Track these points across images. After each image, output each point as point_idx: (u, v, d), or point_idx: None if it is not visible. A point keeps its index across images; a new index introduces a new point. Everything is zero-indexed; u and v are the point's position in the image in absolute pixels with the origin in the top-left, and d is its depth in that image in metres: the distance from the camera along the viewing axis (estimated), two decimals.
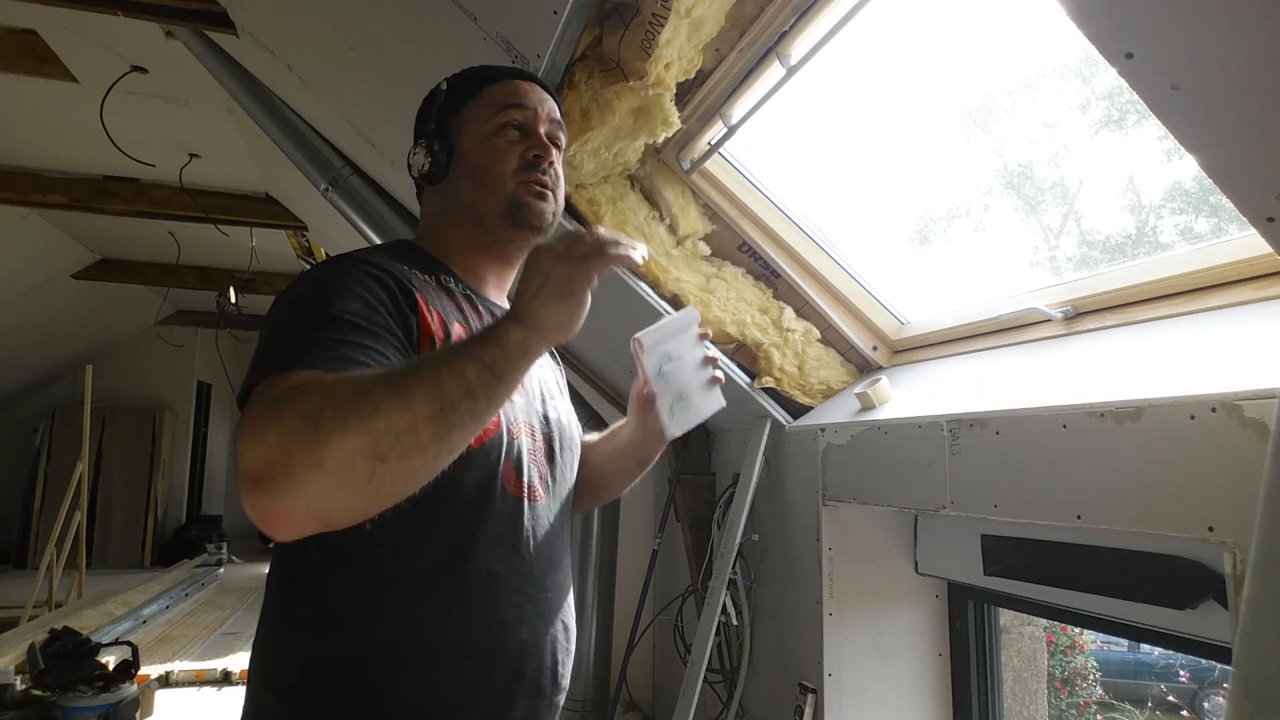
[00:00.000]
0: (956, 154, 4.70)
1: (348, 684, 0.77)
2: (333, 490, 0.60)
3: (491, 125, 0.94)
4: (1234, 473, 0.92)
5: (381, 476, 0.62)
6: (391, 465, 0.62)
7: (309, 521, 0.62)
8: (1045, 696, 4.49)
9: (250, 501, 0.60)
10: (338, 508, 0.62)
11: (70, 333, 6.41)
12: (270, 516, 0.61)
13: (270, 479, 0.59)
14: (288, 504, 0.60)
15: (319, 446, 0.60)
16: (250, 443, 0.61)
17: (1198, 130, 0.81)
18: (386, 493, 0.64)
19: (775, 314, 1.96)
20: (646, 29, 1.34)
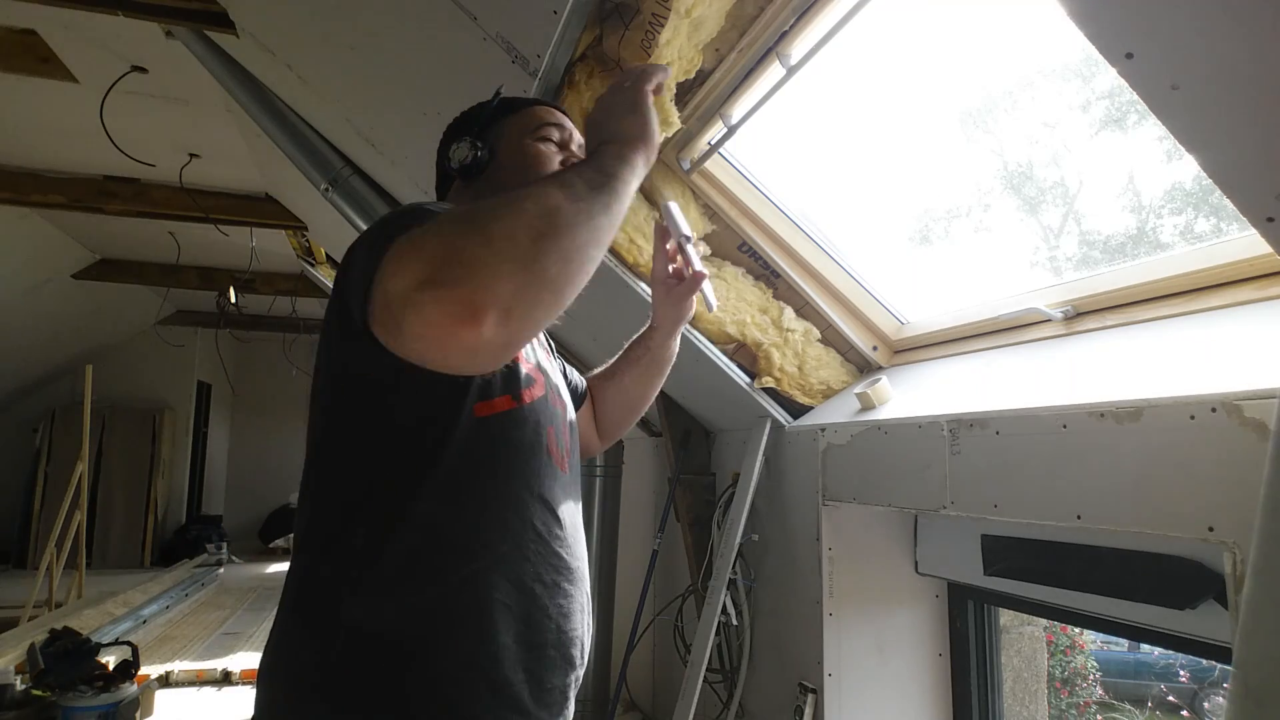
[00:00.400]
0: (957, 154, 4.70)
1: (397, 645, 0.77)
2: (500, 272, 0.61)
3: (535, 135, 1.03)
4: (1234, 473, 0.92)
5: (542, 256, 0.64)
6: (548, 241, 0.65)
7: (482, 306, 0.60)
8: (1045, 696, 4.49)
9: (426, 303, 0.60)
10: (506, 287, 0.61)
11: (70, 333, 6.41)
12: (454, 307, 0.60)
13: (438, 272, 0.60)
14: (461, 293, 0.60)
15: (477, 230, 0.63)
16: (408, 256, 0.63)
17: (1198, 130, 0.81)
18: (551, 275, 0.64)
19: (775, 314, 1.96)
20: (646, 29, 1.34)
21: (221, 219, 4.04)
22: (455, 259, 0.61)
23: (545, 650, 0.84)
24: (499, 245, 0.62)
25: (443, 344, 0.61)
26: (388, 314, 0.64)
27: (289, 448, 8.78)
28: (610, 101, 0.88)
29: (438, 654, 0.78)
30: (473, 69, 1.57)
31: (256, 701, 0.83)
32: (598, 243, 0.70)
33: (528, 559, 0.84)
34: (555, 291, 0.65)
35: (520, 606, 0.82)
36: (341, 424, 0.83)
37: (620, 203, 0.75)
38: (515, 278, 0.62)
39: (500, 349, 0.64)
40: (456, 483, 0.80)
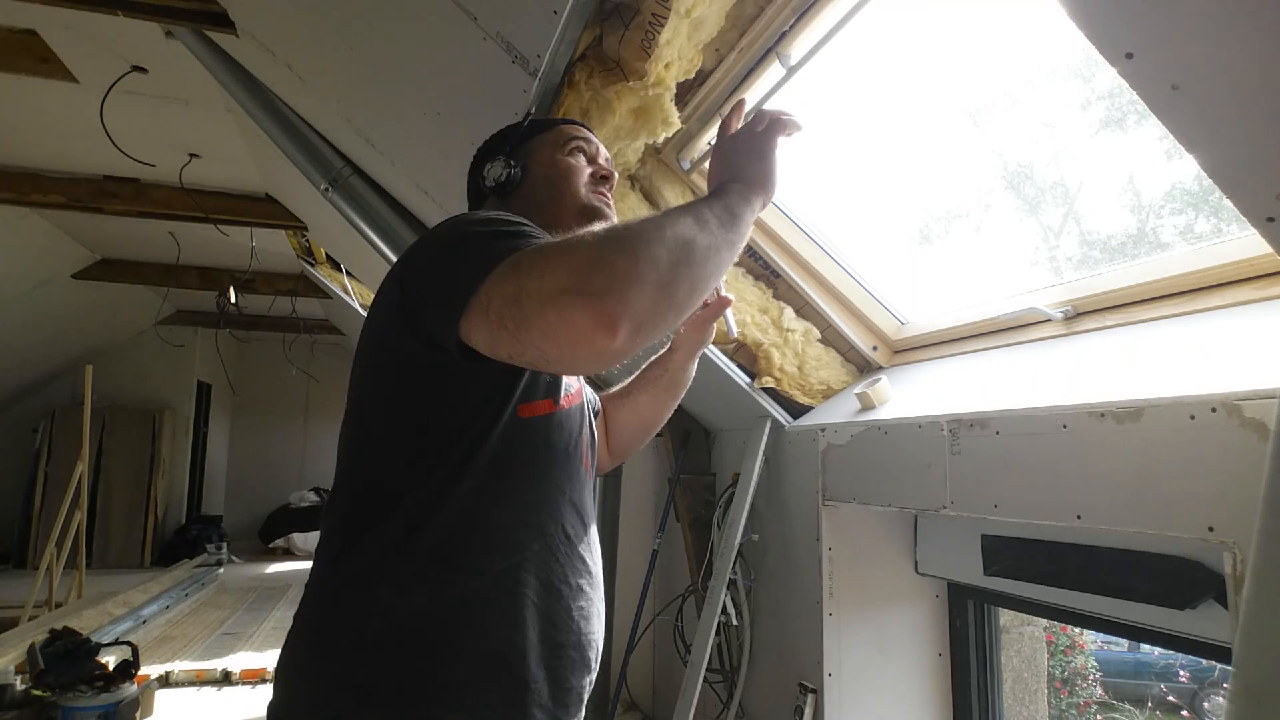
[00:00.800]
0: (957, 154, 4.69)
1: (427, 634, 0.80)
2: (644, 292, 0.66)
3: (566, 150, 1.08)
4: (1234, 473, 0.92)
5: (674, 283, 0.69)
6: (682, 271, 0.70)
7: (619, 316, 0.65)
8: (1045, 696, 4.49)
9: (572, 307, 0.65)
10: (642, 304, 0.66)
11: (70, 333, 6.41)
12: (593, 315, 0.65)
13: (588, 280, 0.65)
14: (610, 299, 0.65)
15: (626, 249, 0.68)
16: (555, 260, 0.68)
17: (1198, 130, 0.81)
18: (676, 300, 0.70)
19: (775, 314, 1.96)
20: (646, 29, 1.34)
21: (221, 219, 4.04)
22: (605, 271, 0.66)
23: (566, 650, 0.86)
24: (644, 266, 0.67)
25: (574, 345, 0.66)
26: (512, 310, 0.68)
27: (289, 448, 8.78)
28: (742, 143, 0.90)
29: (467, 645, 0.80)
30: (473, 69, 1.57)
31: (277, 689, 0.84)
32: (718, 275, 0.76)
33: (557, 559, 0.88)
34: (678, 314, 0.71)
35: (546, 605, 0.85)
36: (388, 418, 0.86)
37: (741, 242, 0.81)
38: (652, 296, 0.67)
39: (619, 358, 0.68)
40: (496, 480, 0.84)
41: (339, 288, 5.05)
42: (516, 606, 0.83)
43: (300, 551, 7.33)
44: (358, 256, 3.95)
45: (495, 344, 0.71)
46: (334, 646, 0.81)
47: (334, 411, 8.80)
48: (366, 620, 0.80)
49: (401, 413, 0.85)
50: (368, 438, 0.88)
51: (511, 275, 0.70)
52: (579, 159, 1.08)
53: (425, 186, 2.13)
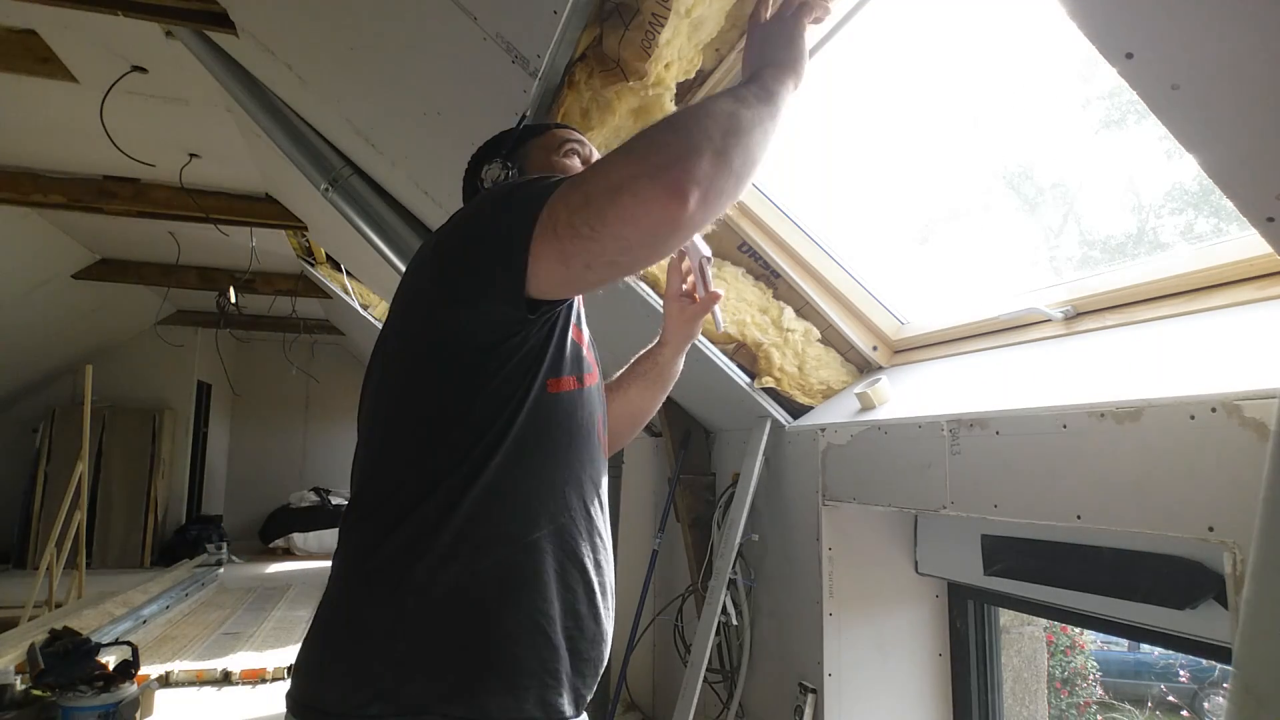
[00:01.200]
0: (957, 154, 4.71)
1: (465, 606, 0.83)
2: (701, 153, 0.72)
3: (560, 152, 1.11)
4: (1234, 473, 0.92)
5: (729, 144, 0.75)
6: (733, 136, 0.76)
7: (687, 183, 0.71)
8: (1045, 696, 4.49)
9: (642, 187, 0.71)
10: (704, 168, 0.72)
11: (70, 333, 6.42)
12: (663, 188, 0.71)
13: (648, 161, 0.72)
14: (675, 171, 0.71)
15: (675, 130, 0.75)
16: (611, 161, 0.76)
17: (1198, 130, 0.81)
18: (730, 159, 0.75)
19: (775, 314, 1.96)
20: (646, 29, 1.34)
21: (221, 219, 4.04)
22: (664, 150, 0.73)
23: (585, 621, 0.90)
24: (697, 139, 0.74)
25: (653, 220, 0.72)
26: (583, 212, 0.74)
27: (289, 448, 8.78)
28: (771, 31, 0.96)
29: (501, 614, 0.84)
30: (473, 69, 1.57)
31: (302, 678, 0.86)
32: (764, 145, 0.81)
33: (580, 533, 0.91)
34: (738, 180, 0.77)
35: (569, 576, 0.89)
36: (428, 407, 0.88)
37: (778, 118, 0.86)
38: (712, 162, 0.73)
39: (695, 227, 0.75)
40: (525, 453, 0.87)
41: (339, 288, 5.05)
42: (543, 576, 0.87)
43: (300, 551, 7.33)
44: (358, 256, 3.95)
45: (568, 258, 0.76)
46: (371, 627, 0.83)
47: (334, 411, 8.85)
48: (404, 598, 0.82)
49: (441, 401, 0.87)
50: (405, 427, 0.89)
51: (572, 189, 0.76)
52: (574, 160, 1.10)
53: (425, 186, 2.13)
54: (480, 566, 0.84)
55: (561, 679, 0.86)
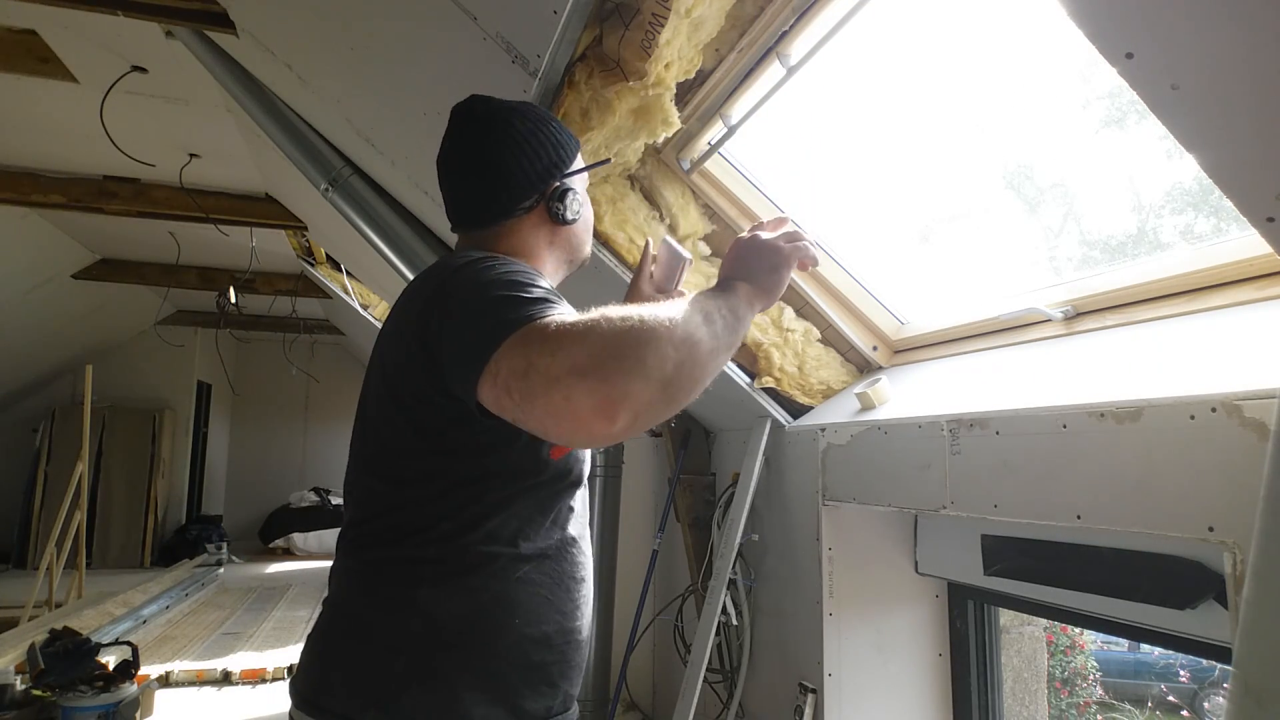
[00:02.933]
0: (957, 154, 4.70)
1: (465, 632, 0.88)
2: (649, 385, 0.70)
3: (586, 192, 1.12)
4: (1234, 473, 0.92)
5: (680, 375, 0.73)
6: (687, 369, 0.74)
7: (621, 407, 0.69)
8: (1045, 696, 4.49)
9: (577, 391, 0.68)
10: (644, 398, 0.70)
11: (70, 333, 6.41)
12: (596, 401, 0.68)
13: (597, 368, 0.69)
14: (615, 389, 0.69)
15: (639, 343, 0.71)
16: (569, 342, 0.71)
17: (1198, 130, 0.81)
18: (674, 396, 0.73)
19: (775, 314, 1.96)
20: (646, 29, 1.34)
21: (221, 219, 4.04)
22: (615, 361, 0.70)
23: (574, 635, 0.96)
24: (652, 362, 0.71)
25: (574, 426, 0.70)
26: (520, 382, 0.72)
27: (289, 448, 8.78)
28: (765, 249, 0.94)
29: (496, 639, 0.89)
30: (473, 69, 1.57)
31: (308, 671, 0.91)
32: (714, 373, 0.80)
33: (566, 559, 0.96)
34: (674, 408, 0.75)
35: (560, 600, 0.95)
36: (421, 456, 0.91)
37: (737, 343, 0.86)
38: (655, 392, 0.71)
39: (612, 441, 0.72)
40: (527, 508, 0.92)
41: (339, 288, 5.05)
42: (537, 604, 0.92)
43: (300, 551, 7.33)
44: (358, 256, 3.95)
45: (500, 408, 0.75)
46: (375, 639, 0.88)
47: (334, 411, 8.86)
48: (409, 620, 0.87)
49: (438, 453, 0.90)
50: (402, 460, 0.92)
51: (522, 348, 0.73)
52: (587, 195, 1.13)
53: (425, 186, 2.13)
54: (481, 598, 0.89)
55: (556, 688, 0.94)
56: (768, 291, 0.93)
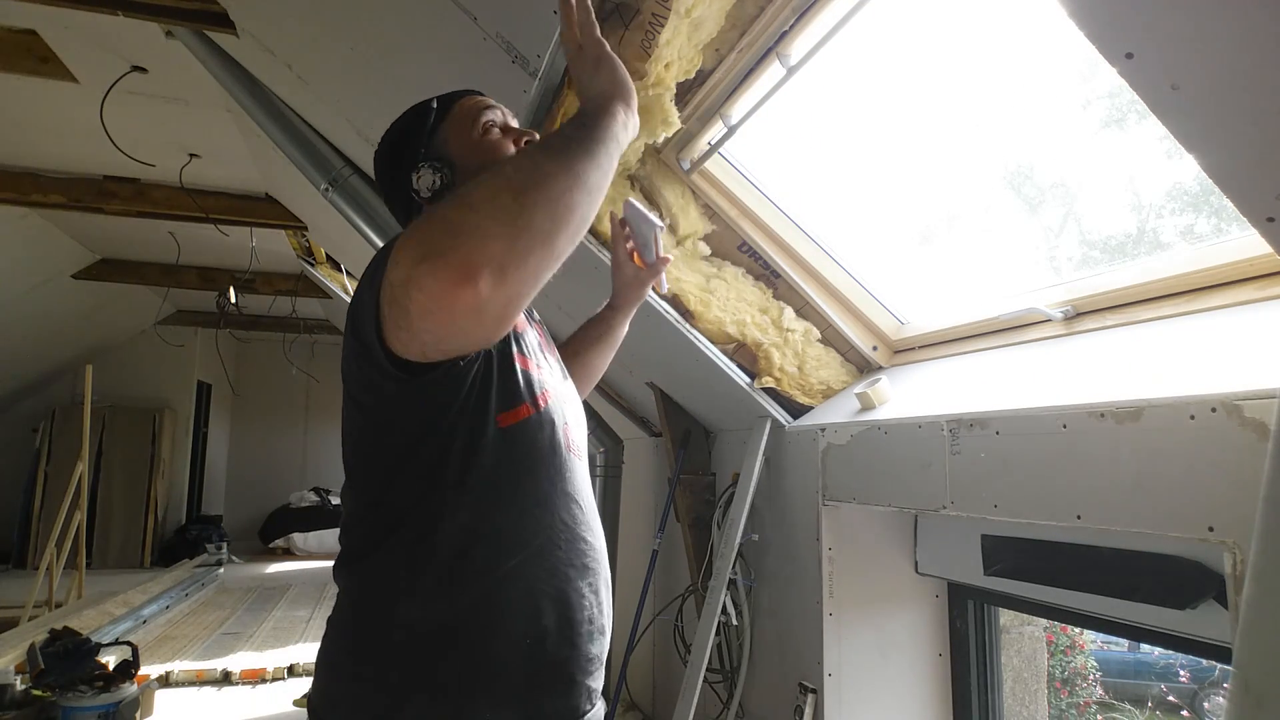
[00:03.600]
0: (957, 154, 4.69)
1: (453, 639, 0.83)
2: (487, 225, 0.66)
3: (477, 130, 1.01)
4: (1234, 473, 0.92)
5: (526, 206, 0.68)
6: (531, 194, 0.69)
7: (471, 267, 0.64)
8: (1045, 696, 4.49)
9: (423, 275, 0.65)
10: (494, 246, 0.65)
11: (70, 333, 6.41)
12: (445, 275, 0.64)
13: (434, 243, 0.66)
14: (456, 254, 0.64)
15: (460, 201, 0.68)
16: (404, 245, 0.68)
17: (1198, 130, 0.81)
18: (542, 226, 0.69)
19: (775, 314, 1.96)
20: (646, 29, 1.34)
21: (221, 219, 4.04)
22: (444, 230, 0.66)
23: (583, 626, 0.90)
24: (483, 208, 0.67)
25: (449, 312, 0.66)
26: (395, 309, 0.69)
27: (289, 448, 8.78)
28: (577, 70, 0.92)
29: (488, 642, 0.84)
30: (473, 69, 1.57)
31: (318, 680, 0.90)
32: (585, 189, 0.73)
33: (559, 548, 0.90)
34: (547, 243, 0.69)
35: (558, 591, 0.88)
36: (377, 442, 0.89)
37: (603, 149, 0.79)
38: (505, 235, 0.66)
39: (504, 306, 0.68)
40: (489, 489, 0.86)
41: (339, 288, 5.05)
42: (530, 599, 0.86)
43: (300, 551, 7.33)
44: (358, 256, 3.95)
45: (406, 347, 0.72)
46: (366, 652, 0.85)
47: (334, 411, 8.77)
48: (391, 631, 0.84)
49: (388, 437, 0.87)
50: (362, 461, 0.91)
51: (387, 277, 0.70)
52: (495, 132, 1.02)
53: None
54: (462, 602, 0.84)
55: (575, 683, 0.89)
56: (605, 90, 0.87)
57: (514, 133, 1.03)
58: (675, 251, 1.90)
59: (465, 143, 1.00)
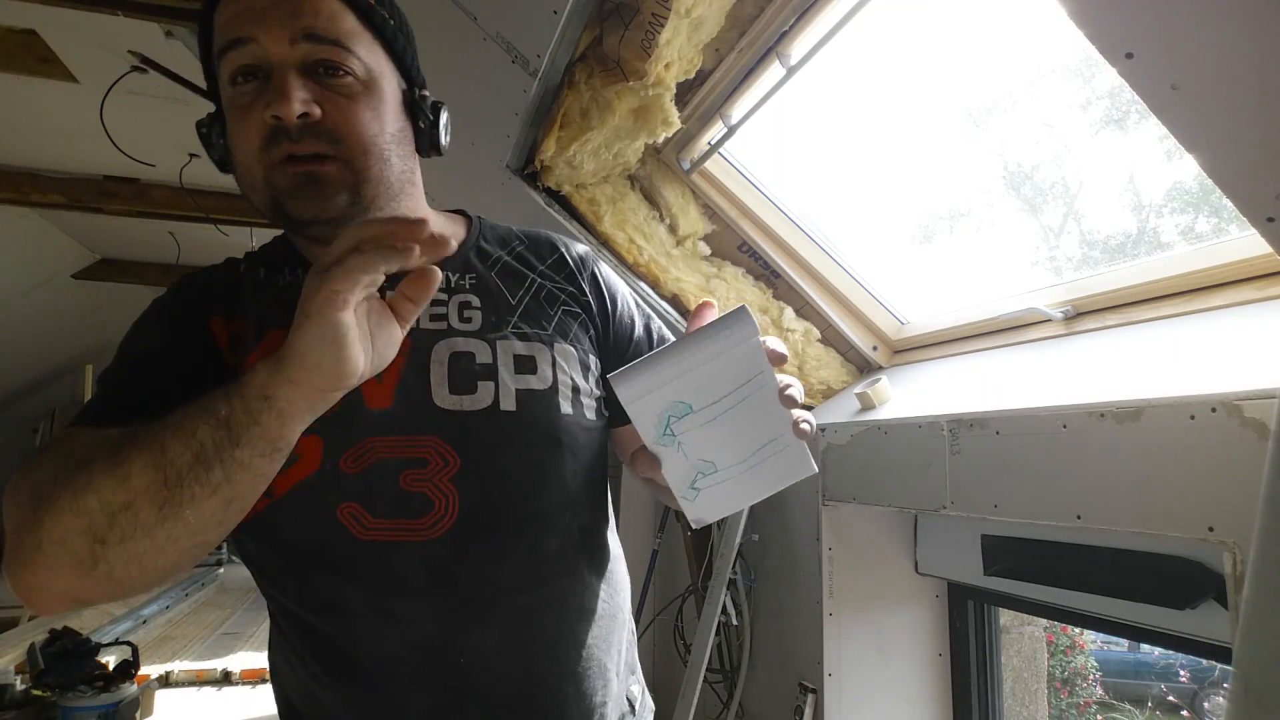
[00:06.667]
0: (957, 154, 4.66)
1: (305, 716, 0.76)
2: (57, 572, 0.53)
3: (226, 82, 0.67)
4: (1234, 473, 0.92)
5: (106, 560, 0.53)
6: (113, 548, 0.52)
7: (55, 600, 0.56)
8: (1045, 696, 4.49)
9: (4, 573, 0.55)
10: (72, 589, 0.55)
11: (70, 333, 6.41)
12: (19, 590, 0.56)
13: (7, 556, 0.54)
14: (24, 582, 0.55)
15: (38, 526, 0.53)
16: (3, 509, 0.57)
17: (1198, 130, 0.81)
18: (120, 577, 0.54)
19: (775, 314, 1.96)
20: (646, 29, 1.34)
21: (221, 219, 4.04)
22: (17, 549, 0.54)
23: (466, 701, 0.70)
24: (50, 550, 0.53)
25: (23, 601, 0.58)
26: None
27: None
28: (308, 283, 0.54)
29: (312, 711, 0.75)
30: (473, 69, 1.57)
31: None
32: (201, 529, 0.55)
33: (367, 669, 0.70)
34: (137, 585, 0.56)
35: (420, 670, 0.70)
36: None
37: (244, 465, 0.54)
38: (77, 583, 0.54)
39: (76, 609, 0.61)
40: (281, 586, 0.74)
41: None
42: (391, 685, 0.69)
43: None
44: None
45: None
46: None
47: None
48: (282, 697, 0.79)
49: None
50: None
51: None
52: (241, 96, 0.66)
53: (425, 186, 2.13)
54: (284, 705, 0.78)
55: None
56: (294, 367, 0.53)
57: (273, 89, 0.64)
58: (675, 251, 1.90)
59: (226, 98, 0.68)
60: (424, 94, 0.79)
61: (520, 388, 0.74)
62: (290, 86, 0.64)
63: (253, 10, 0.64)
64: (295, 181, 0.66)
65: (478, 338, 0.76)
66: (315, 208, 0.67)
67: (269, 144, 0.65)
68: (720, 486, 0.60)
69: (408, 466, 0.69)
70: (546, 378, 0.76)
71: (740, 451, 0.60)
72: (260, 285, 0.76)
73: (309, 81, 0.66)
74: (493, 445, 0.72)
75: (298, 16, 0.65)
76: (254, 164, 0.66)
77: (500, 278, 0.83)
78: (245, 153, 0.67)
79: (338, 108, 0.66)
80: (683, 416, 0.56)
